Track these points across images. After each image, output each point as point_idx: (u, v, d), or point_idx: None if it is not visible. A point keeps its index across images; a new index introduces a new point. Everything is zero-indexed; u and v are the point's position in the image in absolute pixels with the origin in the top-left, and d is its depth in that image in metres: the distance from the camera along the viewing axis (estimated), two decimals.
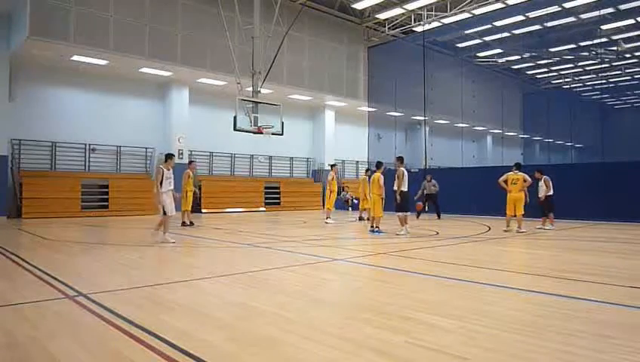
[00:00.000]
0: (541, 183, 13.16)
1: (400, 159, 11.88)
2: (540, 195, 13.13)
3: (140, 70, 19.09)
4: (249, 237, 10.98)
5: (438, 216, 17.34)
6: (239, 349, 3.40)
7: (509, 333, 3.72)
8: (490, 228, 13.10)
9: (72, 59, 17.36)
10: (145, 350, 3.33)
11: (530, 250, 9.35)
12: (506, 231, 12.15)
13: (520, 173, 12.29)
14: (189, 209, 14.04)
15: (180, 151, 20.69)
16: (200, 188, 20.93)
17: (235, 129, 14.79)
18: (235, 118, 14.58)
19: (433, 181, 17.57)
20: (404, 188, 11.38)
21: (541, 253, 8.83)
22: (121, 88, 20.10)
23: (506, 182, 12.29)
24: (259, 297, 5.12)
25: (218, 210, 21.32)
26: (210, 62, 19.59)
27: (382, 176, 11.95)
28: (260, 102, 15.46)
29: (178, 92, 21.02)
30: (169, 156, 9.98)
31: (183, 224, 13.64)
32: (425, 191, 17.42)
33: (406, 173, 11.56)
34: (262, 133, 15.39)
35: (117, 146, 20.06)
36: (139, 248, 9.03)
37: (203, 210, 20.48)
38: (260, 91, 15.75)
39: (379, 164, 12.48)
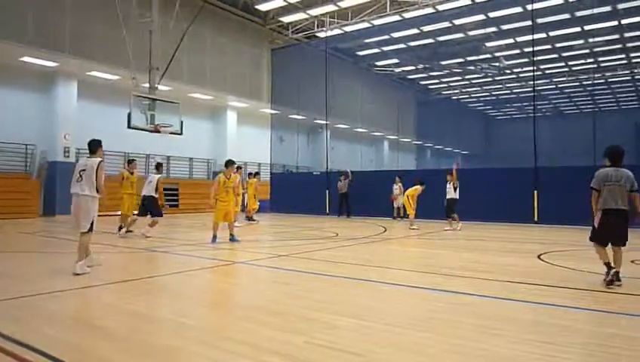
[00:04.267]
0: None
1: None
2: None
3: (20, 59, 17.31)
4: (144, 241, 10.41)
5: (347, 215, 18.86)
6: (132, 361, 3.21)
7: (403, 328, 3.92)
8: (385, 230, 13.71)
9: None
10: None
11: (424, 249, 9.94)
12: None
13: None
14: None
15: (66, 149, 19.09)
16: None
17: (129, 127, 13.97)
18: (129, 114, 13.78)
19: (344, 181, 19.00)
20: (144, 193, 11.36)
21: (436, 251, 9.42)
22: None
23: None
24: (156, 304, 4.88)
25: (110, 213, 19.96)
26: (103, 54, 18.30)
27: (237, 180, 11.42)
28: (158, 100, 14.77)
29: (65, 85, 19.34)
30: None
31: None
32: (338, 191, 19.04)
33: (154, 178, 11.32)
34: (159, 131, 14.72)
35: None
36: (14, 254, 8.17)
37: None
38: (157, 88, 15.06)
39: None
